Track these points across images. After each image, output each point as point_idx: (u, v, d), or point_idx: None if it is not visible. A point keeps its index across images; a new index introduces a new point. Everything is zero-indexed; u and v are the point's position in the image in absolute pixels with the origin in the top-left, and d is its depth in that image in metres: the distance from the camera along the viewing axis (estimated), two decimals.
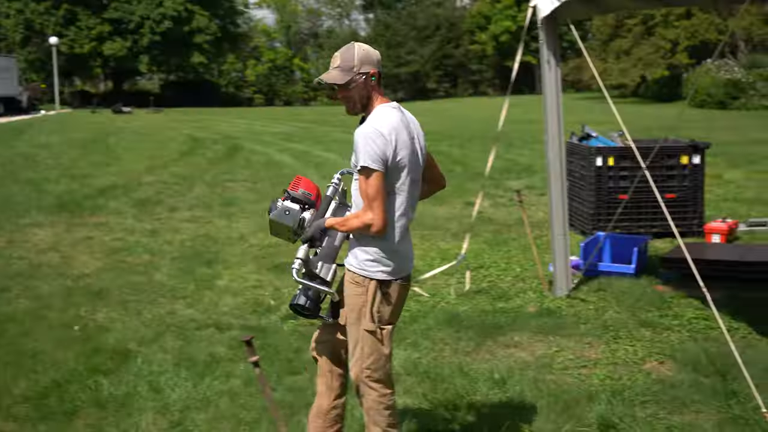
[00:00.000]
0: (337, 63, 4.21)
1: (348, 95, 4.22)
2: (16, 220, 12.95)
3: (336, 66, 4.20)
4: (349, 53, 4.22)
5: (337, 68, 4.19)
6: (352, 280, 4.25)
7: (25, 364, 6.46)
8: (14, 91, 58.95)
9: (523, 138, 26.16)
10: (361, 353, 4.27)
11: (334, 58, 4.22)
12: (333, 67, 4.22)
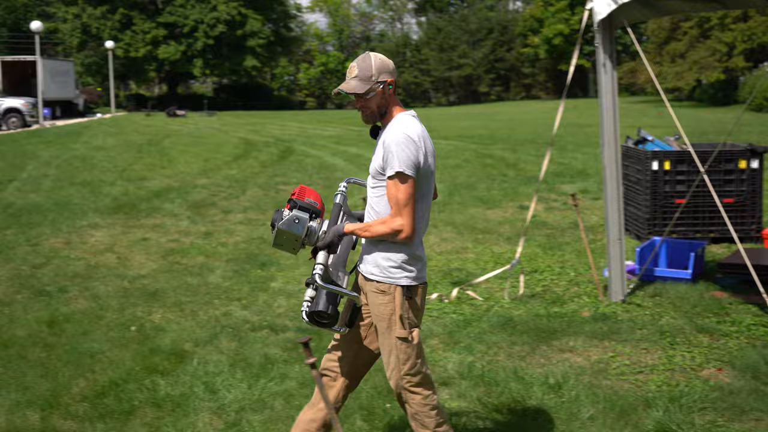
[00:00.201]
0: (355, 73, 4.22)
1: (366, 104, 4.25)
2: (74, 221, 13.13)
3: (354, 76, 4.22)
4: (367, 63, 4.24)
5: (355, 78, 4.21)
6: (377, 290, 4.26)
7: (83, 364, 6.54)
8: (71, 95, 59.79)
9: (576, 142, 25.98)
10: (396, 361, 4.28)
11: (351, 68, 4.24)
12: (351, 77, 4.23)
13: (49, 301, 8.44)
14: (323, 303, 4.16)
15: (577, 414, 5.43)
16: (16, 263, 10.21)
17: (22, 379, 6.21)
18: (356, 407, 5.58)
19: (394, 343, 4.26)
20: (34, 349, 6.94)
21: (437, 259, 10.28)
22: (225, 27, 72.45)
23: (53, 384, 6.11)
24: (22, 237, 11.85)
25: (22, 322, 7.72)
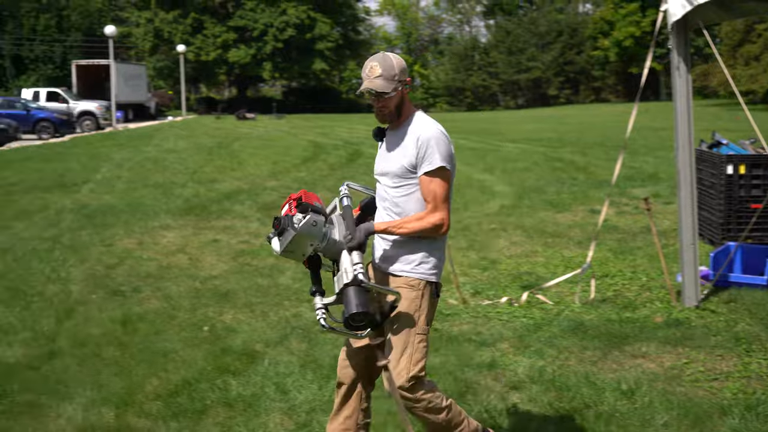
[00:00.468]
0: (378, 72, 4.19)
1: (386, 104, 4.25)
2: (146, 222, 13.33)
3: (378, 75, 4.19)
4: (389, 62, 4.22)
5: (379, 77, 4.19)
6: (406, 284, 4.26)
7: (156, 363, 6.63)
8: (143, 98, 60.72)
9: (648, 145, 25.68)
10: (409, 360, 4.24)
11: (372, 67, 4.20)
12: (374, 76, 4.20)
13: (122, 301, 8.58)
14: (360, 304, 4.06)
15: (651, 420, 5.35)
16: (90, 263, 10.39)
17: (97, 377, 6.31)
18: None
19: (412, 341, 4.23)
20: (109, 347, 7.05)
21: (506, 262, 10.23)
22: (294, 30, 72.99)
23: (127, 382, 6.20)
24: (97, 237, 12.06)
25: (97, 321, 7.85)
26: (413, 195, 4.27)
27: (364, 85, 4.21)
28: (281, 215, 4.20)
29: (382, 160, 4.41)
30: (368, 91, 4.19)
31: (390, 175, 4.32)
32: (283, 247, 4.14)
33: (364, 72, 4.23)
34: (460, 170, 20.33)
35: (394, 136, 4.36)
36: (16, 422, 5.51)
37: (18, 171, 22.20)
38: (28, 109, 40.89)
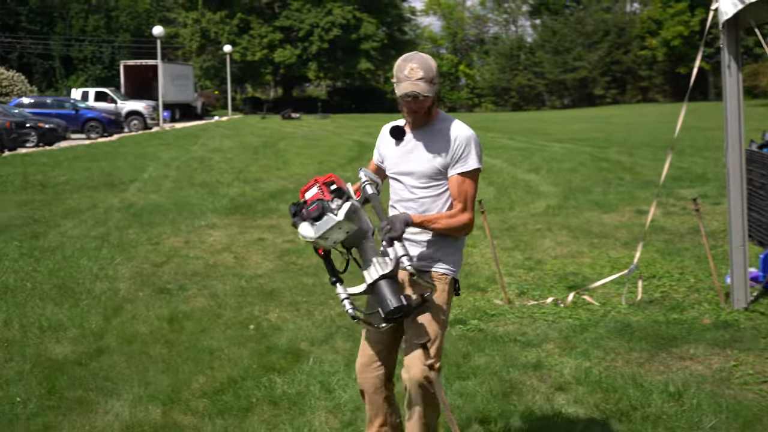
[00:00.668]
0: (420, 74, 4.12)
1: (424, 104, 4.21)
2: (193, 221, 13.43)
3: (420, 77, 4.12)
4: (429, 64, 4.17)
5: (422, 80, 4.12)
6: (436, 278, 4.27)
7: (203, 361, 6.67)
8: (190, 98, 61.25)
9: (696, 145, 25.42)
10: (435, 352, 4.21)
11: (412, 69, 4.12)
12: (417, 78, 4.12)
13: (169, 299, 8.64)
14: (397, 297, 3.99)
15: (699, 423, 5.29)
16: (138, 261, 10.49)
17: (145, 375, 6.37)
18: (471, 410, 5.55)
19: (439, 333, 4.23)
20: (156, 345, 7.11)
21: (552, 263, 10.17)
22: (340, 31, 73.24)
23: (174, 380, 6.25)
24: (144, 236, 12.17)
25: (144, 318, 7.92)
26: (443, 195, 4.26)
27: (407, 87, 4.12)
28: (315, 199, 4.07)
29: (402, 159, 4.33)
30: (412, 94, 4.13)
31: (416, 175, 4.27)
32: (319, 232, 4.00)
33: (401, 72, 4.14)
34: (506, 170, 20.32)
35: (420, 135, 4.30)
36: (65, 418, 5.57)
37: (67, 170, 22.49)
38: (77, 109, 41.42)
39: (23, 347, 7.06)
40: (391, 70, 4.27)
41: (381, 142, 4.48)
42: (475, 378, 6.19)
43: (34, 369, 6.50)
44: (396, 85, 4.18)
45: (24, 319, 7.86)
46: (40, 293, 8.86)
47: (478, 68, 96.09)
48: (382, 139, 4.47)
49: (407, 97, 4.14)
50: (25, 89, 53.17)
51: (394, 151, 4.37)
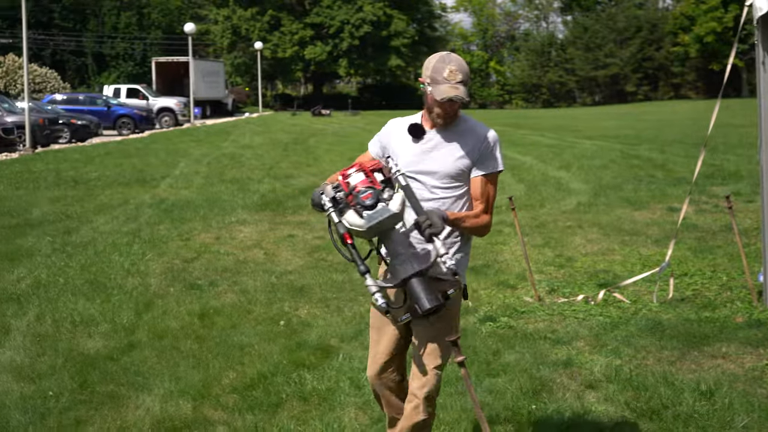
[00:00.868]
0: (460, 77, 4.00)
1: (457, 107, 4.11)
2: (223, 217, 13.49)
3: (460, 81, 4.01)
4: (465, 67, 4.06)
5: (461, 83, 4.02)
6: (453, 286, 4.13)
7: (233, 356, 6.70)
8: (221, 95, 61.53)
9: (728, 142, 25.20)
10: (443, 363, 4.14)
11: (452, 72, 3.98)
12: (456, 81, 3.99)
13: (200, 295, 8.68)
14: (432, 297, 3.83)
15: (731, 422, 5.25)
16: (169, 257, 10.55)
17: (175, 370, 6.40)
18: (501, 408, 5.53)
19: (449, 344, 4.06)
20: (186, 340, 7.14)
21: (582, 260, 10.12)
22: (370, 27, 73.29)
23: (204, 375, 6.28)
24: (175, 232, 12.24)
25: (175, 314, 7.96)
26: (464, 196, 4.17)
27: (448, 91, 3.98)
28: (365, 186, 3.91)
29: (421, 158, 4.15)
30: (457, 99, 3.99)
31: (440, 174, 4.13)
32: (372, 222, 3.82)
33: (440, 74, 3.99)
34: (536, 167, 20.24)
35: (444, 134, 4.16)
36: (97, 412, 5.61)
37: (99, 166, 22.66)
38: (109, 106, 41.74)
39: (56, 342, 7.12)
40: (421, 67, 4.19)
41: (391, 138, 4.28)
42: (505, 375, 6.17)
43: (67, 363, 6.56)
44: (431, 86, 4.01)
45: (56, 314, 7.92)
46: (72, 288, 8.93)
47: (509, 65, 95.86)
48: (393, 135, 4.28)
49: (447, 101, 4.02)
50: (58, 86, 53.65)
51: (412, 149, 4.18)
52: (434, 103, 4.06)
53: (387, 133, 4.33)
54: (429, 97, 4.06)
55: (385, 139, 4.32)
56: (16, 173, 20.94)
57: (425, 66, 4.09)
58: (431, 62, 4.06)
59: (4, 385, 6.10)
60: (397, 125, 4.31)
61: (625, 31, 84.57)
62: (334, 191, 3.97)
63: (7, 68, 53.01)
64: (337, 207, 3.95)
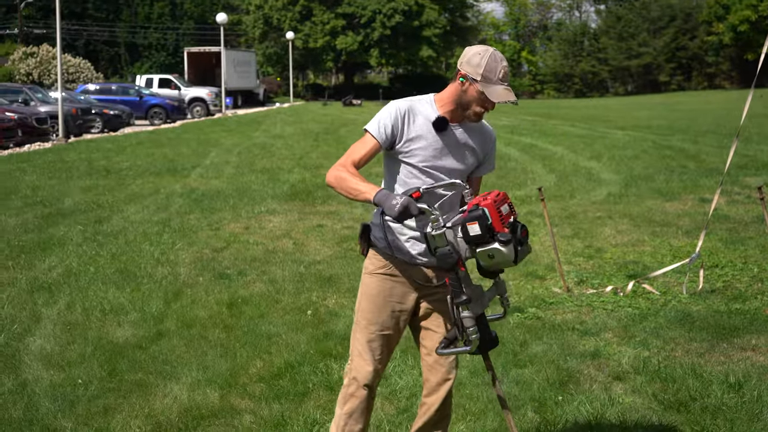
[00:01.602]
0: (509, 75, 3.93)
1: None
2: (253, 207, 13.53)
3: (508, 83, 3.93)
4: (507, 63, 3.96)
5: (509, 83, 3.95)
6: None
7: (260, 345, 6.72)
8: (252, 85, 61.67)
9: (762, 133, 24.99)
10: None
11: (505, 72, 3.86)
12: (509, 83, 3.91)
13: (228, 284, 8.72)
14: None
15: (759, 415, 5.20)
16: (198, 246, 10.60)
17: (203, 358, 6.43)
18: (527, 398, 5.52)
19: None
20: (215, 329, 7.18)
21: (612, 251, 10.07)
22: (402, 17, 73.14)
23: (232, 364, 6.31)
24: (205, 221, 12.29)
25: (204, 303, 8.00)
26: (459, 195, 4.05)
27: (505, 95, 3.84)
28: (517, 222, 3.78)
29: (441, 153, 3.97)
30: (512, 102, 3.87)
31: (457, 173, 4.00)
32: (522, 258, 3.80)
33: (494, 74, 3.83)
34: (567, 157, 20.14)
35: (461, 130, 4.02)
36: (125, 400, 5.65)
37: (130, 156, 22.80)
38: (141, 96, 41.96)
39: (85, 330, 7.18)
40: (452, 57, 4.13)
41: (408, 126, 3.95)
42: (532, 366, 6.15)
43: (96, 352, 6.61)
44: (483, 85, 3.83)
45: (86, 303, 7.99)
46: (103, 277, 9.00)
47: (541, 54, 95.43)
48: (411, 123, 3.95)
49: (498, 103, 3.90)
50: (91, 76, 53.97)
51: (433, 143, 3.95)
52: (479, 102, 3.88)
53: (400, 118, 3.94)
54: (470, 94, 3.88)
55: (397, 124, 3.93)
56: (49, 163, 21.11)
57: (469, 61, 3.87)
58: (483, 59, 3.84)
59: (34, 373, 6.16)
60: (412, 111, 3.97)
61: (659, 20, 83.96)
62: (483, 219, 3.66)
63: (41, 58, 53.40)
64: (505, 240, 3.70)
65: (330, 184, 3.91)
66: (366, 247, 4.14)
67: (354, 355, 4.15)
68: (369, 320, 4.10)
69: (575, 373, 6.01)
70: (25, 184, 16.72)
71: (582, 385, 5.82)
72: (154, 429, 5.23)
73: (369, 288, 4.11)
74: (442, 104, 3.99)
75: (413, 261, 4.04)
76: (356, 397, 4.12)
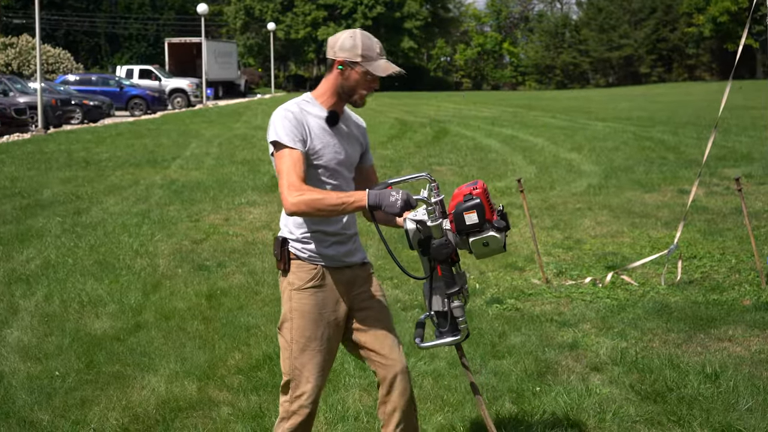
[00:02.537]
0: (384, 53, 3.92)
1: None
2: (233, 198, 13.50)
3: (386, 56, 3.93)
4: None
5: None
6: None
7: (239, 337, 6.71)
8: (233, 76, 61.44)
9: (741, 125, 25.08)
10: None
11: (382, 48, 3.89)
12: (386, 57, 3.91)
13: (208, 276, 8.70)
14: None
15: (735, 405, 5.23)
16: (178, 238, 10.57)
17: (182, 350, 6.42)
18: (505, 389, 5.54)
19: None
20: (193, 321, 7.16)
21: (591, 242, 10.10)
22: (383, 8, 73.10)
23: (210, 356, 6.30)
24: (184, 213, 12.26)
25: (183, 295, 7.98)
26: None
27: (389, 67, 3.84)
28: (502, 210, 3.81)
29: (340, 148, 3.92)
30: (399, 74, 3.88)
31: (352, 165, 4.00)
32: (502, 248, 3.79)
33: (373, 51, 3.82)
34: (547, 149, 20.18)
35: (345, 122, 4.00)
36: (103, 392, 5.64)
37: (110, 147, 22.70)
38: (121, 87, 41.76)
39: (63, 322, 7.15)
40: (434, 48, 4.10)
41: (308, 130, 3.83)
42: (511, 357, 6.17)
43: (74, 344, 6.58)
44: (367, 64, 3.82)
45: (64, 294, 7.96)
46: (81, 269, 8.96)
47: (522, 46, 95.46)
48: (308, 126, 3.83)
49: (384, 77, 3.87)
50: (71, 66, 53.65)
51: (332, 140, 3.90)
52: (364, 84, 3.85)
53: (298, 122, 3.82)
54: (352, 78, 3.84)
55: (300, 128, 3.81)
56: (28, 154, 21.00)
57: (342, 46, 3.84)
58: (356, 40, 3.83)
59: (11, 365, 6.13)
60: (303, 113, 3.87)
61: (640, 12, 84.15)
62: (480, 208, 3.71)
63: (20, 49, 53.03)
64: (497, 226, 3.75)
65: (299, 212, 3.71)
66: (287, 263, 3.93)
67: (295, 375, 3.97)
68: (308, 338, 3.92)
69: (553, 364, 6.03)
70: (3, 176, 16.63)
71: (560, 375, 5.84)
72: (132, 421, 5.21)
73: (301, 304, 3.90)
74: (324, 99, 3.93)
75: (340, 264, 3.97)
76: (300, 415, 3.98)
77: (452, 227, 3.76)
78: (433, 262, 3.81)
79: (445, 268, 3.79)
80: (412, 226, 3.80)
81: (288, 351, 3.98)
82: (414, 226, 3.79)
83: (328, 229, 3.90)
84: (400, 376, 4.01)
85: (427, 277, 3.87)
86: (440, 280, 3.82)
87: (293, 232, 3.93)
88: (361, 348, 4.07)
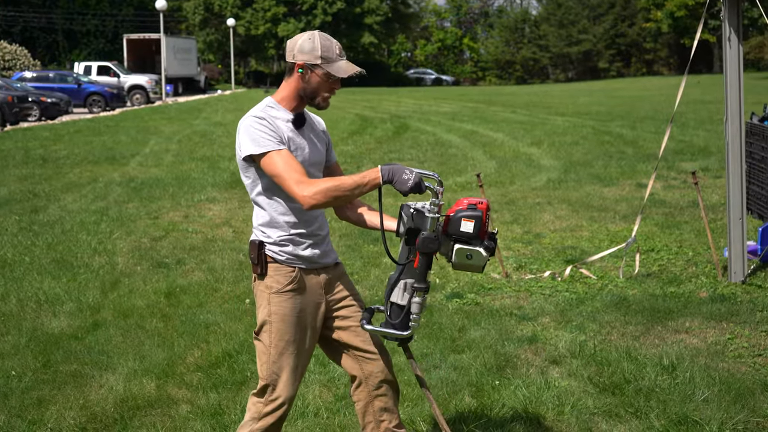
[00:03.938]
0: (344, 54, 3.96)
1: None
2: (192, 195, 13.43)
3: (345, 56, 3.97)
4: None
5: None
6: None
7: (198, 335, 6.68)
8: (193, 72, 61.08)
9: (698, 118, 25.33)
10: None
11: (341, 49, 3.94)
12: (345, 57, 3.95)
13: (167, 273, 8.65)
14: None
15: (692, 396, 5.29)
16: (137, 236, 10.49)
17: (140, 348, 6.38)
18: (465, 383, 5.56)
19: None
20: (152, 319, 7.12)
21: (551, 236, 10.16)
22: (343, 4, 72.90)
23: (169, 353, 6.26)
24: (143, 210, 12.17)
25: (142, 292, 7.93)
26: None
27: (351, 68, 3.89)
28: (494, 234, 3.86)
29: (311, 149, 3.96)
30: (360, 75, 3.93)
31: (321, 165, 4.04)
32: (483, 264, 3.81)
33: (332, 52, 3.86)
34: (507, 143, 20.25)
35: (308, 123, 4.03)
36: (60, 391, 5.59)
37: (68, 144, 22.48)
38: (79, 83, 41.31)
39: (20, 321, 7.08)
40: (394, 44, 4.08)
41: (282, 135, 3.84)
42: (470, 351, 6.19)
43: (30, 343, 6.52)
44: (327, 65, 3.85)
45: (21, 293, 7.88)
46: (38, 267, 8.88)
47: (483, 41, 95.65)
48: (281, 132, 3.84)
49: (346, 77, 3.89)
50: (28, 63, 53.06)
51: (300, 142, 3.93)
52: (326, 86, 3.87)
53: (271, 127, 3.82)
54: (314, 81, 3.86)
55: (277, 132, 3.83)
56: None
57: (300, 49, 3.86)
58: (314, 42, 3.86)
59: None
60: (271, 118, 3.87)
61: (598, 7, 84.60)
62: (478, 222, 3.75)
63: None
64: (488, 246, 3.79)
65: (318, 204, 3.71)
66: (264, 266, 3.93)
67: (272, 380, 3.93)
68: (287, 341, 3.90)
69: (512, 358, 6.07)
70: None
71: (519, 369, 5.87)
72: (89, 420, 5.17)
73: (280, 308, 3.89)
74: (287, 103, 3.92)
75: (317, 265, 3.99)
76: (273, 417, 3.94)
77: (443, 229, 3.78)
78: (412, 255, 3.83)
79: (423, 262, 3.81)
80: (409, 212, 3.83)
81: (266, 355, 3.94)
82: (410, 212, 3.81)
83: (305, 230, 3.93)
84: (388, 369, 4.08)
85: (404, 264, 3.88)
86: (412, 274, 3.84)
87: (270, 235, 3.93)
88: (342, 347, 4.10)
